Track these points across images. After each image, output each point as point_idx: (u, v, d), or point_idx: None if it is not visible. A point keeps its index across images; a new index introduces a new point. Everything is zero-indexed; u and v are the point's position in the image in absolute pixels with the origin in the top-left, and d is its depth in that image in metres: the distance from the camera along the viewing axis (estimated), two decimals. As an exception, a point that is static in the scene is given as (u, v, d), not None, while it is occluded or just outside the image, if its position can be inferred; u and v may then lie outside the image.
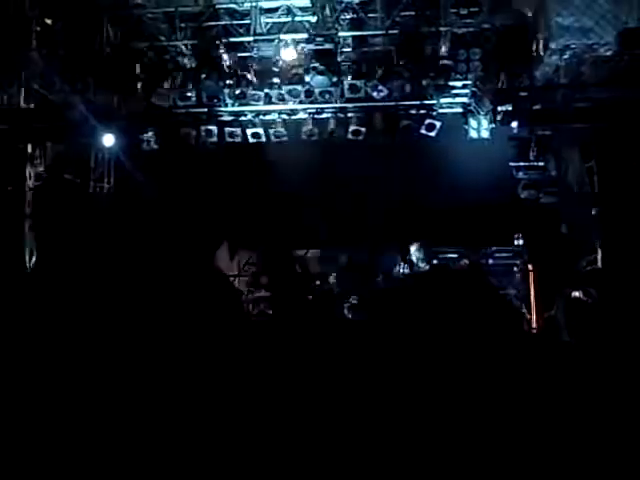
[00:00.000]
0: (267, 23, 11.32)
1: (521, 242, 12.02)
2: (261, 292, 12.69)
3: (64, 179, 12.21)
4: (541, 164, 11.73)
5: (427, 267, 12.40)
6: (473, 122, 11.74)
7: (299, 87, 11.48)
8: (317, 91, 11.52)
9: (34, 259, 11.70)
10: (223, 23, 11.38)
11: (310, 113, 12.35)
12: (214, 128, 12.35)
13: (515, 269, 12.19)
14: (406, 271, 12.89)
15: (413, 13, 10.93)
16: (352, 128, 12.21)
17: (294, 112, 12.41)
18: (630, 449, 1.57)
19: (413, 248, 12.64)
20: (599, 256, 9.97)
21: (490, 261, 12.17)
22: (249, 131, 12.45)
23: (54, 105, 11.40)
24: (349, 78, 11.50)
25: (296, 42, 11.25)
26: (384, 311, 1.80)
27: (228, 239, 13.14)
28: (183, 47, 11.57)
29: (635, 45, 9.35)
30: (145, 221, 12.32)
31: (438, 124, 11.84)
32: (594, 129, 9.83)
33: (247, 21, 11.28)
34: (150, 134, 12.36)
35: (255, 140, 12.49)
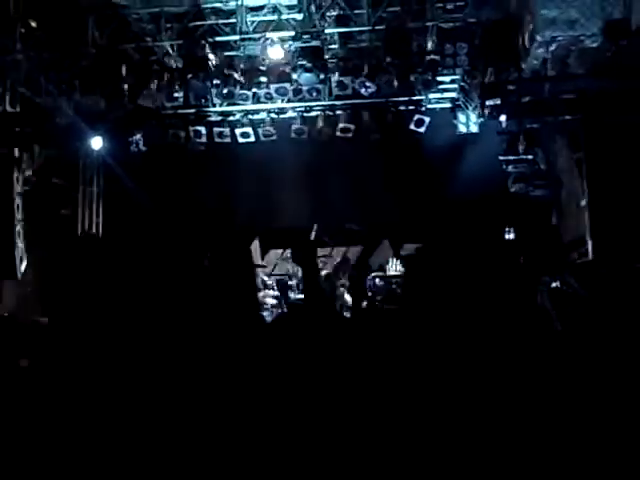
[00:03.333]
0: (253, 22, 11.27)
1: (512, 236, 12.02)
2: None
3: (53, 183, 12.15)
4: (530, 157, 11.75)
5: None
6: (462, 117, 11.74)
7: (287, 85, 11.46)
8: (305, 89, 11.49)
9: (24, 264, 11.62)
10: (209, 22, 11.31)
11: (299, 111, 12.34)
12: (202, 128, 12.33)
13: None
14: (399, 267, 12.88)
15: (399, 8, 10.90)
16: (341, 125, 12.20)
17: (283, 111, 12.40)
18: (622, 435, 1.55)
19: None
20: (589, 248, 9.98)
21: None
22: (238, 131, 12.43)
23: (40, 108, 11.34)
24: (337, 75, 11.48)
25: (282, 40, 11.21)
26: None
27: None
28: (169, 47, 11.50)
29: (620, 36, 9.37)
30: (139, 225, 12.28)
31: (427, 119, 11.85)
32: (582, 120, 9.84)
33: (233, 20, 11.22)
34: (138, 136, 12.33)
35: (245, 140, 12.48)
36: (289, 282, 12.50)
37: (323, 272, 12.51)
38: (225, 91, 11.59)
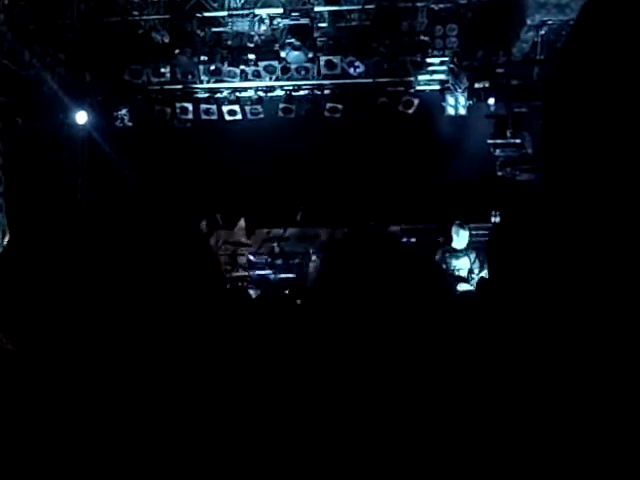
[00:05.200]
0: (242, -3, 11.13)
1: (498, 219, 12.02)
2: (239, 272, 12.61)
3: (36, 157, 12.00)
4: (518, 141, 11.72)
5: None
6: (450, 99, 11.68)
7: (275, 63, 11.35)
8: (293, 67, 11.39)
9: (7, 238, 11.52)
10: (197, -3, 11.15)
11: (286, 90, 12.23)
12: (189, 105, 12.21)
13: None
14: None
15: (390, -12, 10.79)
16: (329, 105, 12.12)
17: (270, 89, 12.28)
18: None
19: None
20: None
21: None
22: (225, 108, 12.31)
23: (24, 80, 11.16)
24: (325, 54, 11.37)
25: (271, 17, 11.08)
26: None
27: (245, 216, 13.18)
28: (156, 22, 11.33)
29: (611, 21, 9.31)
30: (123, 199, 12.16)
31: (415, 101, 11.78)
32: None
33: (221, -5, 11.08)
34: (124, 111, 12.19)
35: (231, 118, 12.37)
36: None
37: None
38: (212, 67, 11.47)
